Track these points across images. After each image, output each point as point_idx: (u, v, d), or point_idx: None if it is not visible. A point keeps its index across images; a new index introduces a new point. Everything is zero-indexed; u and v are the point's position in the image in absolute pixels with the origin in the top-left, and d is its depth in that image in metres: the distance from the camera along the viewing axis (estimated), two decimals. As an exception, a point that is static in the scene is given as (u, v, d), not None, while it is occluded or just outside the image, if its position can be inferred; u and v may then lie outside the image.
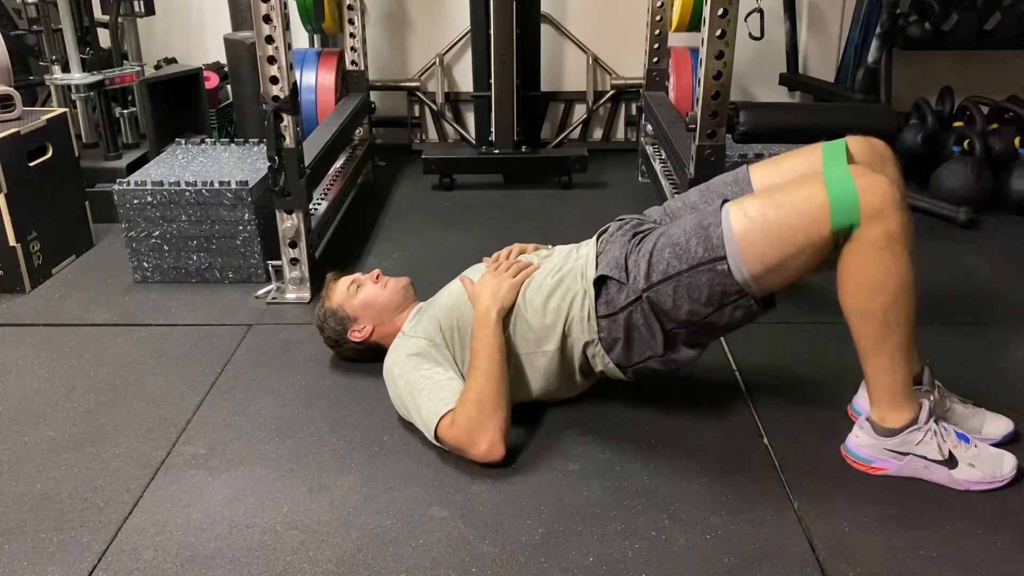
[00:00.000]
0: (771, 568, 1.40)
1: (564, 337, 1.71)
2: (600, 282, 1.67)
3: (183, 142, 2.96)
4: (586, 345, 1.71)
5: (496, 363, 1.66)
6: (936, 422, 1.57)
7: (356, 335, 1.96)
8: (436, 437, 1.66)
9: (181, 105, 3.28)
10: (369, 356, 1.98)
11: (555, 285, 1.73)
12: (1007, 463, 1.56)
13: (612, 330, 1.66)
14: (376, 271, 2.01)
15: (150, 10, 3.34)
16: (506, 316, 1.74)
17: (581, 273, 1.71)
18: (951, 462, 1.55)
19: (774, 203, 1.49)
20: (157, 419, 1.85)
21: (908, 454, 1.57)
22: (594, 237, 1.80)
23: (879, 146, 1.67)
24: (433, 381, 1.70)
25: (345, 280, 2.00)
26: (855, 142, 1.66)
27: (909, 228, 1.46)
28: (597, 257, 1.71)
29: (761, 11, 3.23)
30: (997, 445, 1.64)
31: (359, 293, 1.96)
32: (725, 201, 1.57)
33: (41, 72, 3.26)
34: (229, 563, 1.43)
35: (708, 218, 1.55)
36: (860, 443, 1.62)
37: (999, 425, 1.69)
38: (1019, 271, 2.56)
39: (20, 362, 2.11)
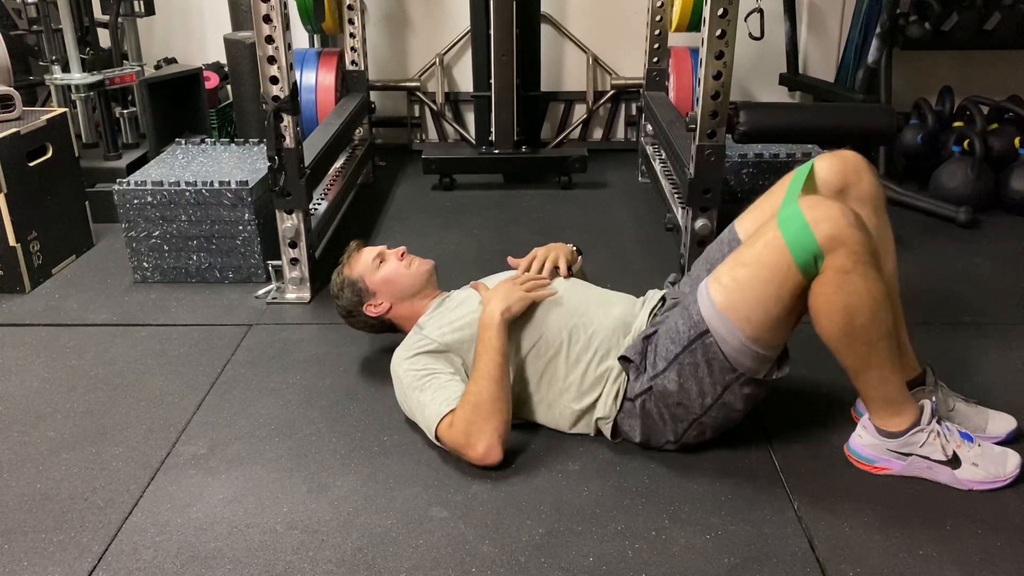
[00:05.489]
0: (771, 568, 1.40)
1: (589, 404, 1.71)
2: (625, 363, 1.67)
3: (183, 142, 2.96)
4: (598, 420, 1.71)
5: (497, 365, 1.65)
6: (939, 422, 1.58)
7: (372, 310, 1.89)
8: (436, 437, 1.66)
9: (181, 105, 3.28)
10: (379, 331, 1.96)
11: (607, 352, 1.70)
12: (1011, 462, 1.57)
13: (632, 413, 1.67)
14: (402, 248, 1.94)
15: (150, 10, 3.34)
16: (521, 323, 1.73)
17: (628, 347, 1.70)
18: (955, 462, 1.55)
19: (740, 263, 1.51)
20: (157, 419, 1.85)
21: (911, 454, 1.57)
22: (648, 310, 1.77)
23: (851, 158, 1.67)
24: (438, 381, 1.69)
25: (371, 251, 1.93)
26: (824, 161, 1.67)
27: (871, 245, 1.44)
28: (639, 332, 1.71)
29: (761, 11, 3.23)
30: (1001, 443, 1.64)
31: (382, 268, 1.89)
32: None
33: (41, 72, 3.26)
34: (229, 563, 1.43)
35: (688, 299, 1.60)
36: (863, 443, 1.62)
37: (1003, 423, 1.70)
38: (1019, 271, 2.56)
39: (20, 362, 2.11)
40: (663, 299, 1.80)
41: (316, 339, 2.19)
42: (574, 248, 1.97)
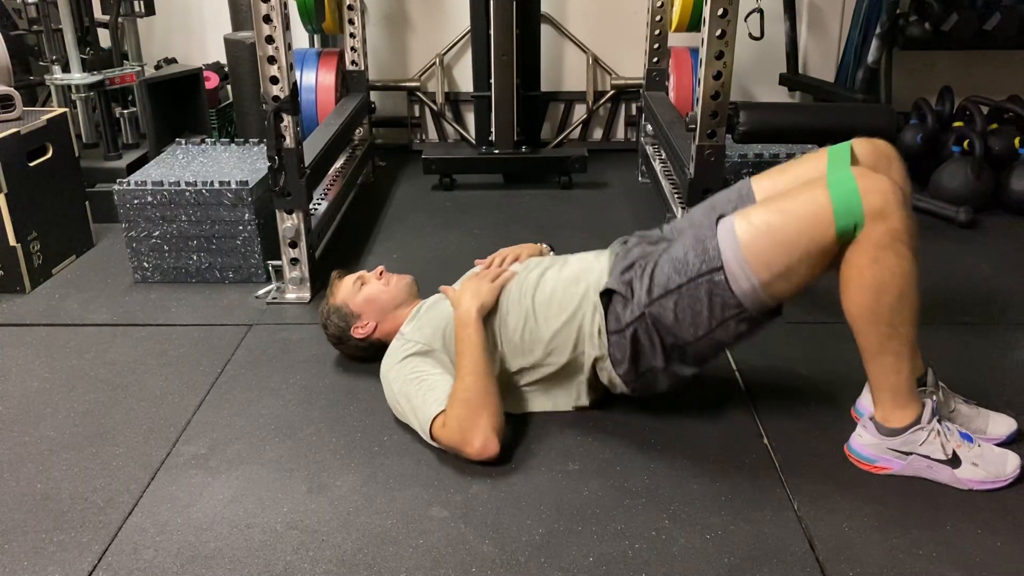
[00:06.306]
0: (771, 568, 1.40)
1: (575, 351, 1.72)
2: (608, 297, 1.68)
3: (183, 142, 2.96)
4: (596, 360, 1.72)
5: (480, 360, 1.67)
6: (940, 422, 1.58)
7: (359, 332, 1.95)
8: (432, 438, 1.66)
9: (181, 105, 3.28)
10: (372, 354, 1.98)
11: (569, 299, 1.72)
12: (1011, 463, 1.57)
13: (620, 346, 1.67)
14: (380, 268, 2.01)
15: (150, 10, 3.34)
16: (494, 319, 1.76)
17: (595, 287, 1.71)
18: (955, 461, 1.55)
19: (778, 209, 1.51)
20: (157, 419, 1.85)
21: (911, 453, 1.57)
22: (609, 249, 1.80)
23: (884, 148, 1.68)
24: (428, 383, 1.71)
25: (350, 277, 2.00)
26: (860, 145, 1.66)
27: (912, 227, 1.46)
28: (611, 271, 1.71)
29: (761, 11, 3.23)
30: (1001, 445, 1.64)
31: (363, 290, 1.96)
32: (720, 217, 1.58)
33: (41, 72, 3.26)
34: (229, 563, 1.43)
35: (704, 231, 1.58)
36: (864, 442, 1.62)
37: (1003, 425, 1.70)
38: (1019, 271, 2.56)
39: (20, 362, 2.11)
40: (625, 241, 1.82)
41: (316, 339, 2.19)
42: (544, 246, 2.02)
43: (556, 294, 1.74)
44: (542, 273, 1.80)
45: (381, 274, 1.99)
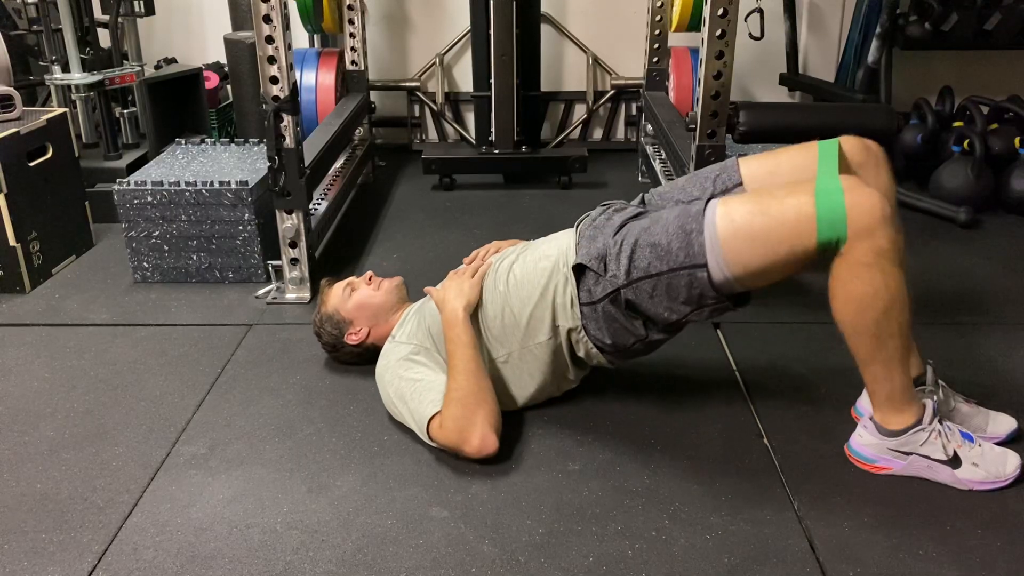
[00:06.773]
0: (771, 568, 1.40)
1: (553, 326, 1.72)
2: (580, 270, 1.68)
3: (183, 142, 2.96)
4: (570, 332, 1.72)
5: (471, 359, 1.68)
6: (940, 422, 1.58)
7: (353, 338, 1.96)
8: (430, 439, 1.67)
9: (181, 105, 3.28)
10: (368, 359, 1.99)
11: (539, 275, 1.73)
12: (1011, 462, 1.57)
13: (593, 318, 1.68)
14: (369, 273, 2.03)
15: (150, 10, 3.33)
16: (476, 312, 1.76)
17: (564, 261, 1.71)
18: (955, 462, 1.55)
19: (761, 210, 1.49)
20: (157, 419, 1.85)
21: (912, 454, 1.57)
22: (575, 225, 1.80)
23: (873, 148, 1.68)
24: (422, 384, 1.71)
25: (339, 285, 2.01)
26: (849, 142, 1.66)
27: (899, 243, 1.44)
28: (578, 244, 1.71)
29: (761, 11, 3.23)
30: (1002, 443, 1.64)
31: (353, 296, 1.97)
32: (711, 199, 1.57)
33: (41, 72, 3.26)
34: (229, 563, 1.43)
35: (691, 222, 1.55)
36: (864, 442, 1.62)
37: (1003, 424, 1.70)
38: (1019, 271, 2.56)
39: (20, 362, 2.11)
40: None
41: (316, 340, 2.19)
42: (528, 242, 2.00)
43: (527, 274, 1.75)
44: (514, 259, 1.81)
45: (370, 279, 2.00)
